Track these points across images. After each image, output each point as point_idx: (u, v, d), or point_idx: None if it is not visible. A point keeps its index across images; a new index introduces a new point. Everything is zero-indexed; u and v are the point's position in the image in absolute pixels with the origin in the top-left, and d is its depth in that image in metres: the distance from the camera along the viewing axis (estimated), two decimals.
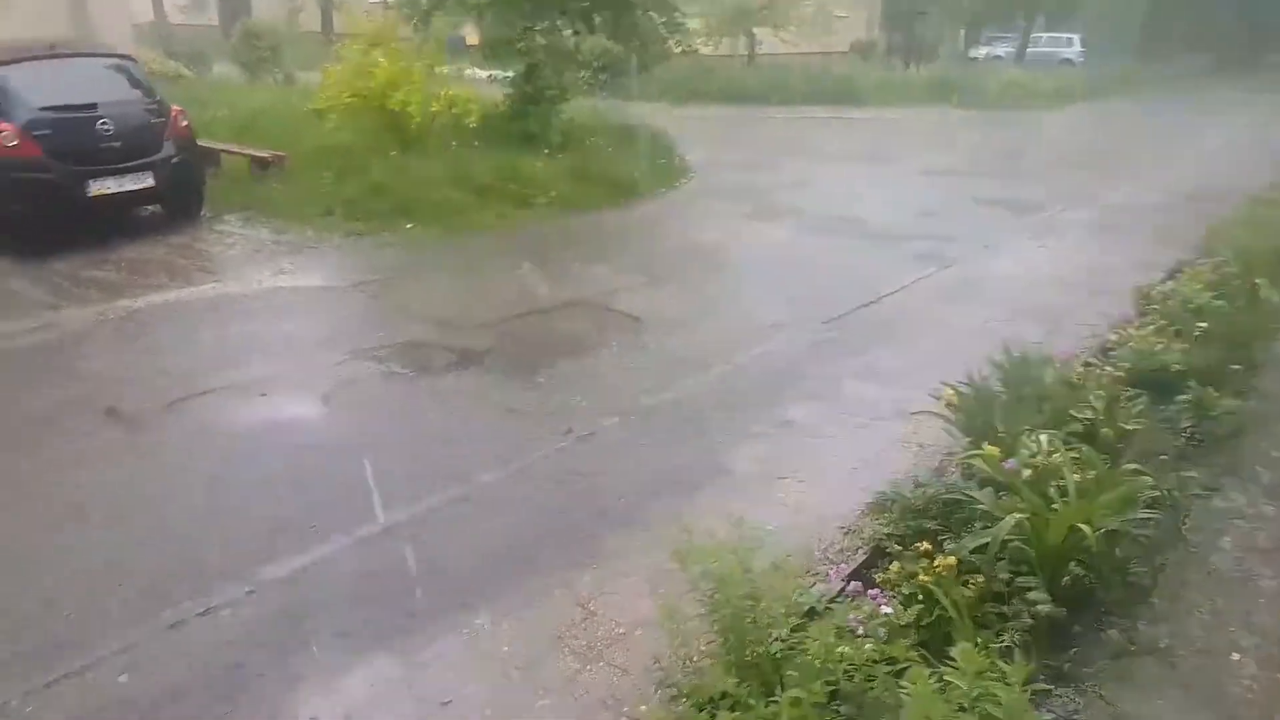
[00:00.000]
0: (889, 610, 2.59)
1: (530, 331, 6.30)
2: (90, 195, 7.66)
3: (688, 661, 2.46)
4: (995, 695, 1.99)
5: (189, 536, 3.71)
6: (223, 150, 10.06)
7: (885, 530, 3.34)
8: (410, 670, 3.01)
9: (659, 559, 3.61)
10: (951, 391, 3.92)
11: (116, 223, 8.18)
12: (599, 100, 14.62)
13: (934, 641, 2.54)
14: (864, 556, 3.33)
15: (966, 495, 3.16)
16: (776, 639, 2.23)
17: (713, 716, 2.13)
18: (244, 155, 9.96)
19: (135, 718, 2.79)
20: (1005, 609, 2.78)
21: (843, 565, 3.31)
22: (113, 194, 7.80)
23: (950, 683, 2.05)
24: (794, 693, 2.06)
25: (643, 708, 2.72)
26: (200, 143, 9.03)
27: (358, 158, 9.61)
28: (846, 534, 3.68)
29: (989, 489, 3.16)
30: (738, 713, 2.01)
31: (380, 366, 5.55)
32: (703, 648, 2.64)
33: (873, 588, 2.80)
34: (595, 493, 4.13)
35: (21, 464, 4.28)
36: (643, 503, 4.05)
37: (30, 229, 7.56)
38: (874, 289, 7.11)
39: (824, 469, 4.35)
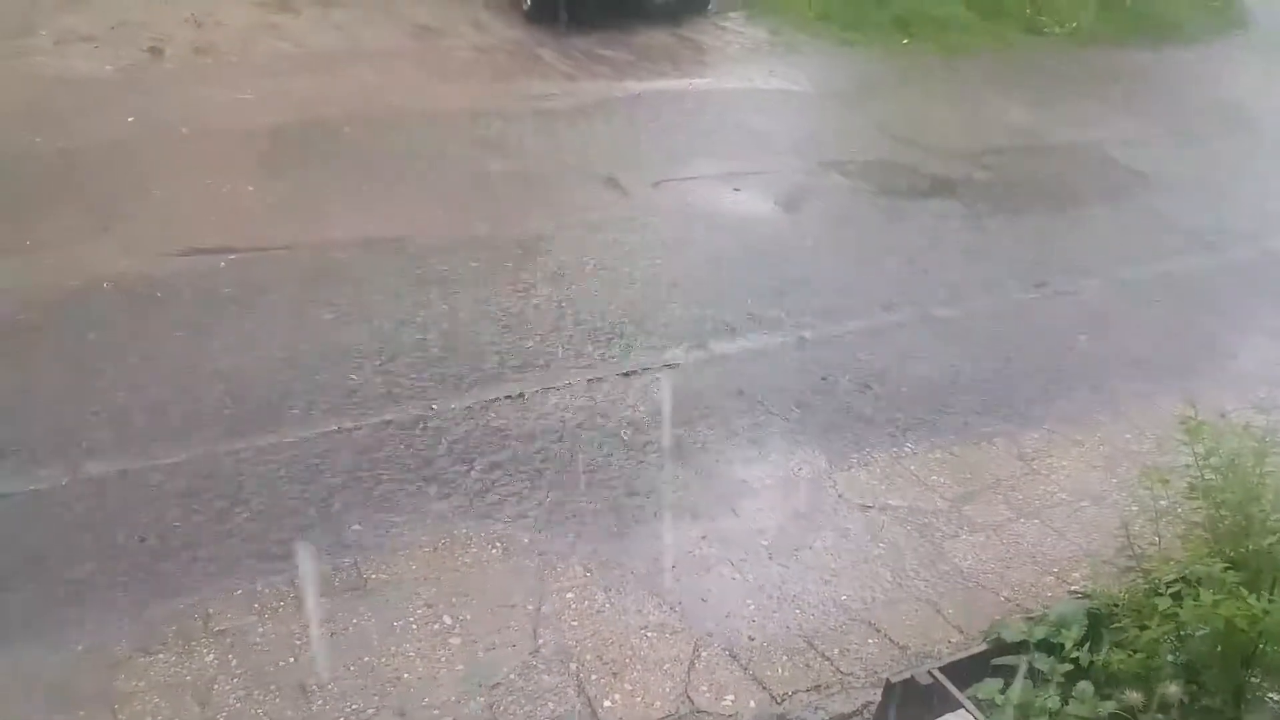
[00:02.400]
0: None
1: (1014, 169, 5.77)
2: None
3: (1154, 539, 2.23)
4: None
5: (654, 301, 4.10)
6: None
7: None
8: (833, 470, 3.11)
9: (1123, 437, 3.28)
10: None
11: (634, 8, 8.81)
12: None
13: None
14: None
15: None
16: None
17: (1176, 599, 1.94)
18: None
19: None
20: None
21: None
22: None
23: None
24: None
25: (1075, 574, 2.57)
26: None
27: None
28: None
29: None
30: (1222, 598, 1.79)
31: (847, 181, 5.50)
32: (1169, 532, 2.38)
33: None
34: (1058, 353, 3.80)
35: (524, 209, 4.98)
36: (1115, 376, 3.65)
37: (566, 6, 8.42)
38: None
39: None
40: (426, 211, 4.69)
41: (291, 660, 2.26)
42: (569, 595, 2.55)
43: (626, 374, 3.52)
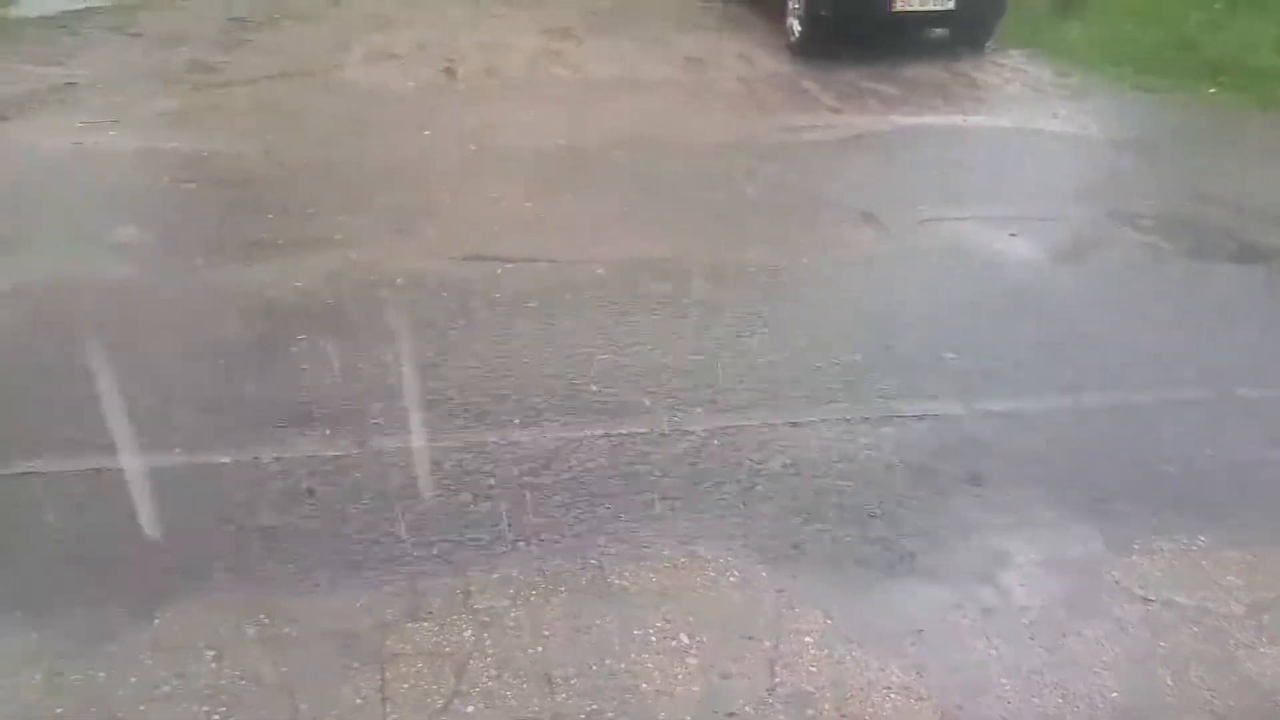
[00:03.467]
0: None
1: None
2: (892, 10, 8.21)
3: None
4: None
5: (915, 345, 3.99)
6: None
7: None
8: (1110, 554, 2.88)
9: None
10: None
11: (905, 40, 8.70)
12: None
13: None
14: None
15: None
16: None
17: None
18: None
19: None
20: None
21: None
22: (914, 11, 8.24)
23: None
24: None
25: None
26: None
27: (1170, 6, 8.54)
28: None
29: None
30: None
31: (1140, 236, 5.10)
32: None
33: None
34: None
35: (782, 240, 5.02)
36: None
37: (834, 34, 8.45)
38: None
39: None
40: (688, 236, 4.86)
41: (539, 650, 2.40)
42: (807, 639, 2.52)
43: (881, 418, 3.45)
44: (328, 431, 3.19)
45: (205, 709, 2.17)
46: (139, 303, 4.02)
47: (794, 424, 3.39)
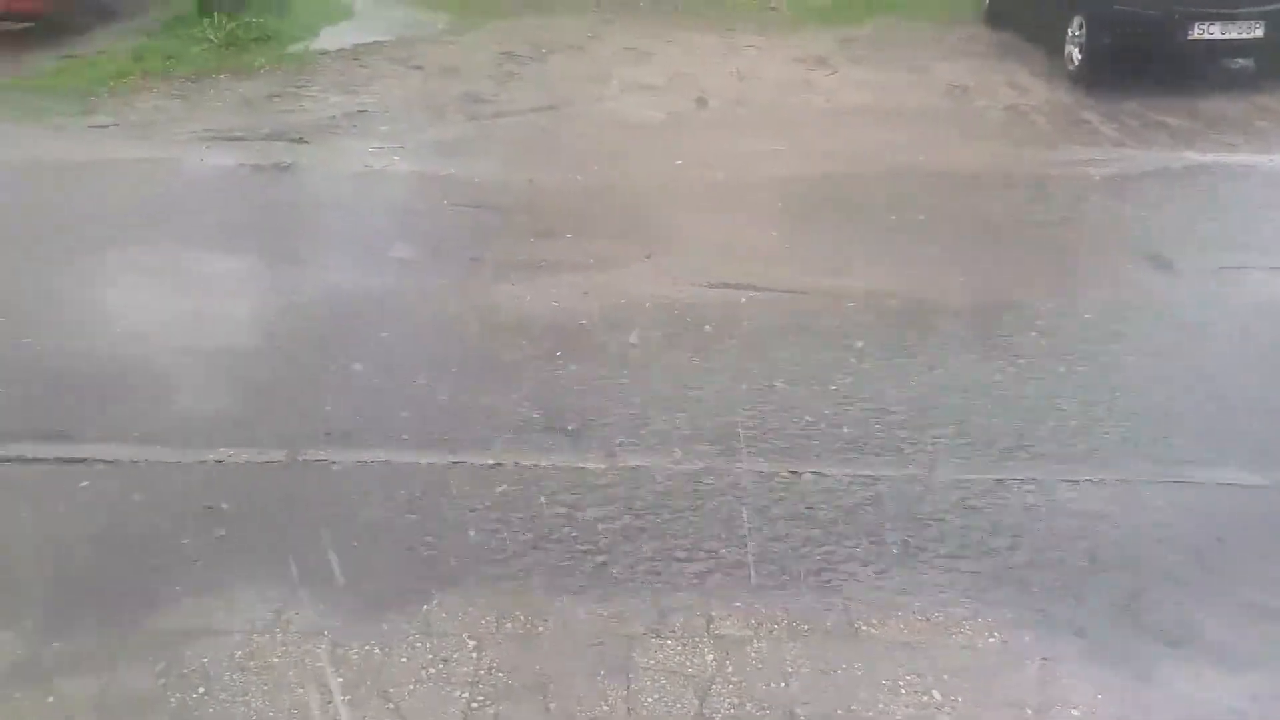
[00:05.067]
0: None
1: None
2: (1189, 38, 7.62)
3: None
4: None
5: (1209, 403, 3.66)
6: None
7: None
8: None
9: None
10: None
11: (1199, 70, 8.03)
12: None
13: None
14: None
15: None
16: None
17: None
18: None
19: None
20: None
21: None
22: (1214, 40, 7.62)
23: None
24: None
25: None
26: None
27: None
28: None
29: None
30: None
31: None
32: None
33: None
34: None
35: (1057, 280, 4.74)
36: None
37: (1118, 63, 7.94)
38: None
39: None
40: (943, 271, 4.73)
41: (782, 685, 2.41)
42: (1074, 712, 2.37)
43: (1167, 483, 3.19)
44: (579, 445, 3.38)
45: (465, 695, 2.35)
46: (411, 313, 4.44)
47: (1068, 481, 3.20)
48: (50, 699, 2.33)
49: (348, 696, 2.35)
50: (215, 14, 9.23)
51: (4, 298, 4.31)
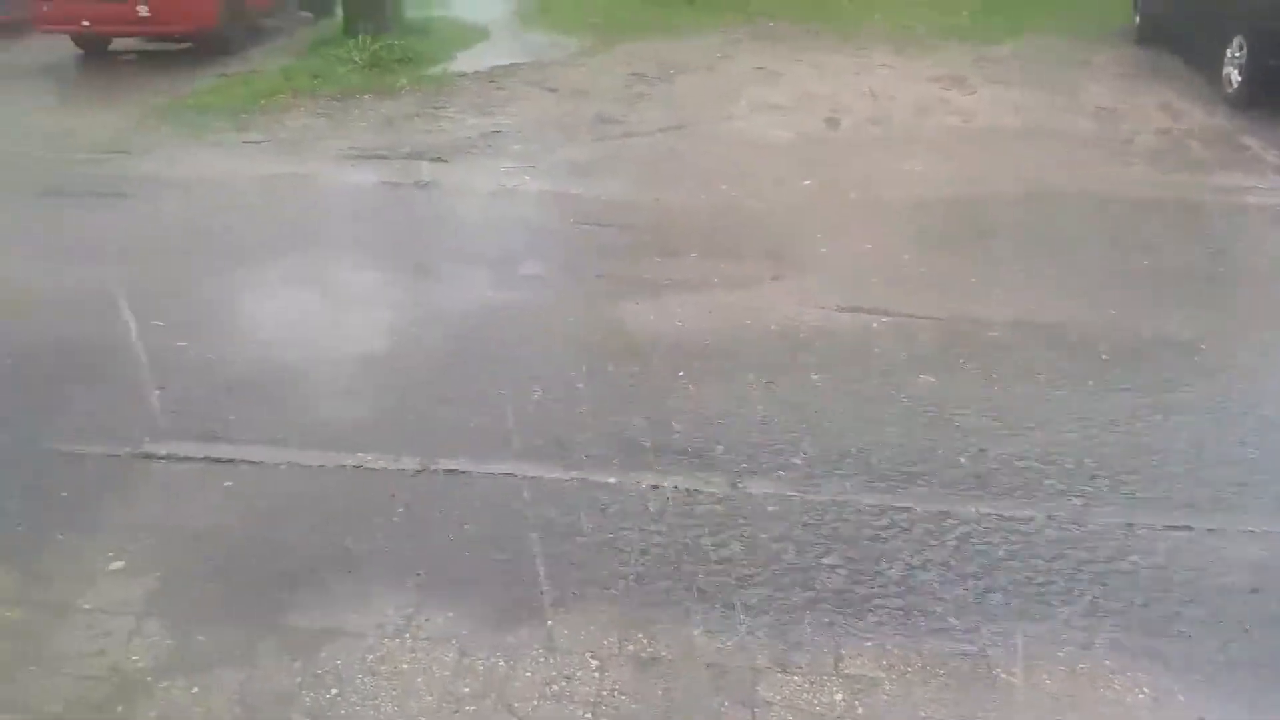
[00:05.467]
0: None
1: None
2: None
3: None
4: None
5: None
6: None
7: None
8: None
9: None
10: None
11: None
12: None
13: None
14: None
15: None
16: None
17: None
18: None
19: None
20: None
21: None
22: None
23: None
24: None
25: None
26: None
27: None
28: None
29: None
30: None
31: None
32: None
33: None
34: None
35: (1212, 314, 4.45)
36: None
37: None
38: None
39: None
40: (1097, 301, 4.52)
41: None
42: None
43: None
44: (701, 468, 3.35)
45: (588, 715, 2.34)
46: (539, 328, 4.51)
47: (1236, 530, 2.99)
48: (195, 690, 2.44)
49: (473, 708, 2.37)
50: (360, 36, 9.66)
51: (164, 303, 4.58)
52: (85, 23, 9.60)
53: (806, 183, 6.31)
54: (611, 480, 3.28)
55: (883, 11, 11.20)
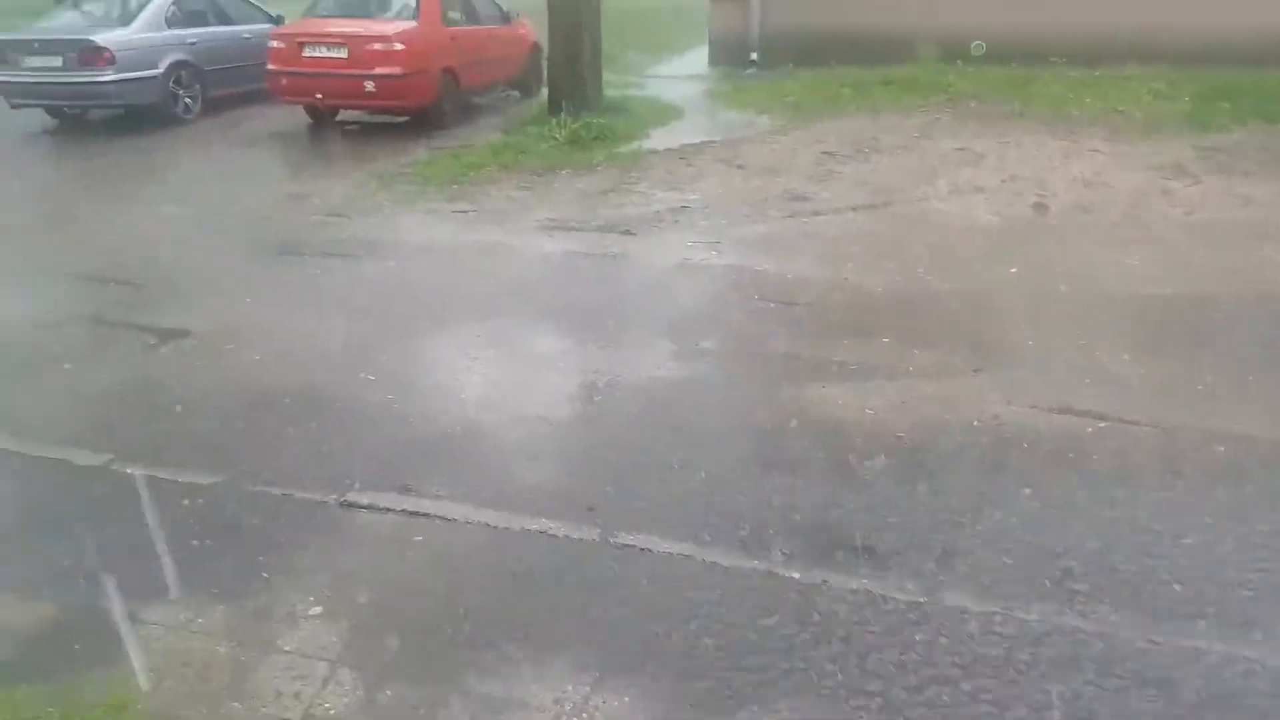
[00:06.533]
0: None
1: None
2: None
3: None
4: None
5: None
6: None
7: None
8: None
9: None
10: None
11: None
12: None
13: None
14: None
15: None
16: None
17: None
18: None
19: None
20: None
21: None
22: None
23: None
24: None
25: None
26: None
27: None
28: None
29: None
30: None
31: None
32: None
33: None
34: None
35: None
36: None
37: None
38: None
39: None
40: None
41: None
42: None
43: None
44: (885, 570, 3.20)
45: None
46: (721, 404, 4.48)
47: None
48: None
49: None
50: (562, 115, 10.17)
51: (375, 360, 4.89)
52: (319, 95, 10.59)
53: (1012, 270, 6.05)
54: (794, 575, 3.18)
55: (1094, 95, 10.75)
